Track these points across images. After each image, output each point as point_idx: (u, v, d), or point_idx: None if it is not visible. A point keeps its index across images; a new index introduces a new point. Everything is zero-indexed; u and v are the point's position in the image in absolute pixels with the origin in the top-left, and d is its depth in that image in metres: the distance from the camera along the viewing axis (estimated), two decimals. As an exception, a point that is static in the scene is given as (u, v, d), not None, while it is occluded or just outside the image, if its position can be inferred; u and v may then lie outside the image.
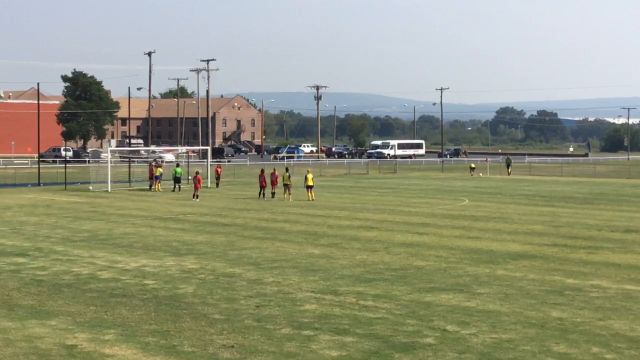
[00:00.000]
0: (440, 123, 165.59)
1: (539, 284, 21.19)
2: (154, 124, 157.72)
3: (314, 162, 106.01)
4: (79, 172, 72.57)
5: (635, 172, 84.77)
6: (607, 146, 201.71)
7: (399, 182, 67.97)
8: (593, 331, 16.29)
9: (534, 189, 59.62)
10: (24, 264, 24.31)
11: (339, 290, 20.26)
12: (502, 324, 16.78)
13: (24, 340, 15.40)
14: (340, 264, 24.41)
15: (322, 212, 40.23)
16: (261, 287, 20.64)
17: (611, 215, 39.60)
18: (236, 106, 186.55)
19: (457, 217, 38.17)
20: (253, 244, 28.71)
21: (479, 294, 19.88)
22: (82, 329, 16.30)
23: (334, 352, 14.66)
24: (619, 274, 22.91)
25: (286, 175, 48.49)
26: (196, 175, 48.98)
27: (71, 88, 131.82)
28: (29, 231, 32.32)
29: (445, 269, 23.50)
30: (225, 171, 70.49)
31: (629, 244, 28.98)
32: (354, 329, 16.29)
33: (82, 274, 22.60)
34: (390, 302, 18.93)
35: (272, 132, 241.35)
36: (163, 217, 37.95)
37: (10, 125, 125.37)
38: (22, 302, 18.94)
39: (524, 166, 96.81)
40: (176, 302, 18.89)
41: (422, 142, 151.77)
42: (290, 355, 14.45)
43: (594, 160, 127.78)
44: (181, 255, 25.92)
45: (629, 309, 18.39)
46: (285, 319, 17.18)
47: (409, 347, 15.06)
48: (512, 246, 28.25)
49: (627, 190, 59.44)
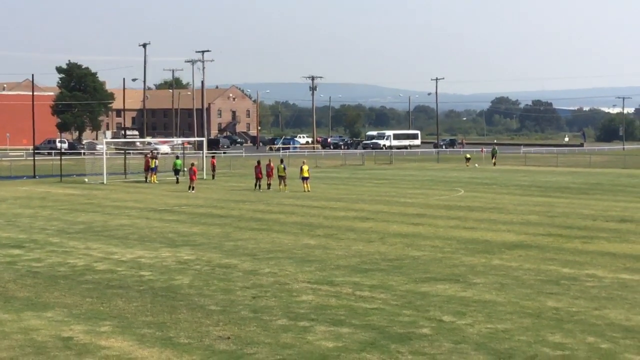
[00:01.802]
0: (436, 113, 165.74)
1: (535, 274, 21.22)
2: (149, 115, 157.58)
3: (310, 153, 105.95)
4: (74, 164, 72.42)
5: (630, 161, 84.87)
6: (602, 136, 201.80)
7: (394, 173, 67.99)
8: (589, 321, 16.32)
9: (529, 179, 59.67)
10: (19, 255, 24.28)
11: (335, 281, 20.27)
12: (498, 314, 16.81)
13: (20, 333, 15.39)
14: (336, 254, 24.42)
15: (317, 203, 40.23)
16: (257, 278, 20.64)
17: (606, 205, 39.65)
18: (231, 97, 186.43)
19: (453, 207, 38.19)
20: (249, 235, 28.71)
21: (475, 284, 19.91)
22: (78, 320, 16.29)
23: (330, 343, 14.67)
24: (614, 263, 22.95)
25: (281, 167, 48.48)
26: (191, 167, 48.93)
27: (66, 79, 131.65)
28: (25, 223, 32.27)
29: (441, 259, 23.52)
30: (221, 163, 70.43)
31: (624, 234, 29.03)
32: (350, 320, 16.30)
33: (78, 265, 22.58)
34: (386, 292, 18.95)
35: (267, 123, 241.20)
36: (158, 208, 37.92)
37: (5, 117, 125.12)
38: (18, 294, 18.93)
39: (519, 156, 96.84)
40: (172, 293, 18.89)
41: (417, 133, 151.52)
42: (287, 347, 14.45)
43: (589, 150, 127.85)
44: (177, 247, 25.92)
45: (624, 298, 18.42)
46: (282, 310, 17.19)
47: (405, 337, 15.07)
48: (507, 236, 28.28)
49: (622, 180, 59.51)
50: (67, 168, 63.22)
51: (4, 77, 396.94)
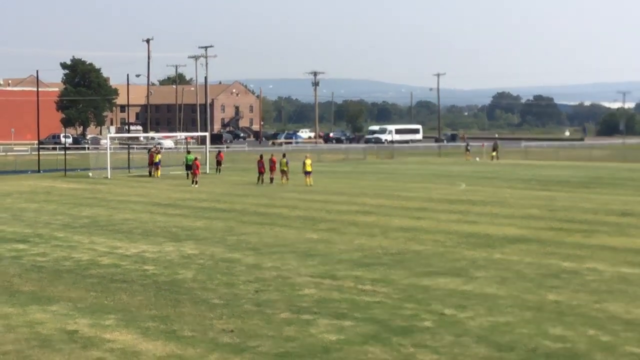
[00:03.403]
0: (438, 108, 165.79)
1: (536, 268, 21.33)
2: (153, 110, 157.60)
3: (312, 148, 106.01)
4: (78, 158, 72.60)
5: (630, 155, 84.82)
6: (603, 130, 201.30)
7: (396, 167, 68.07)
8: (589, 314, 16.44)
9: (530, 173, 59.70)
10: (24, 250, 24.43)
11: (337, 275, 20.40)
12: (499, 307, 16.93)
13: (25, 326, 15.54)
14: (338, 248, 24.54)
15: (320, 197, 40.33)
16: (260, 272, 20.77)
17: (607, 198, 39.74)
18: (234, 92, 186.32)
19: (454, 201, 38.29)
20: (252, 229, 28.84)
21: (476, 278, 20.03)
22: (83, 314, 16.43)
23: (333, 336, 14.79)
24: (614, 256, 23.06)
25: (284, 162, 48.60)
26: (194, 161, 49.05)
27: (70, 75, 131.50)
28: (29, 218, 32.42)
29: (443, 253, 23.64)
30: (224, 157, 70.47)
31: (625, 227, 29.13)
32: (353, 313, 16.43)
33: (83, 260, 22.73)
34: (388, 286, 19.08)
35: (270, 118, 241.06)
36: (162, 203, 38.05)
37: (10, 112, 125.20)
38: (23, 288, 19.08)
39: (520, 151, 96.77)
40: (176, 287, 19.03)
41: (419, 128, 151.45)
42: (290, 340, 14.58)
43: (589, 145, 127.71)
44: (180, 241, 26.05)
45: (624, 291, 18.54)
46: (284, 303, 17.32)
47: (407, 330, 15.20)
48: (508, 230, 28.38)
49: (623, 173, 59.53)
50: (72, 163, 63.36)
51: (9, 73, 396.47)
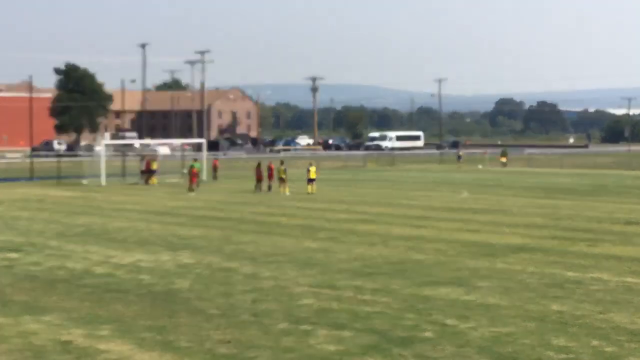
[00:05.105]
0: (439, 114, 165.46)
1: (539, 277, 21.03)
2: (148, 117, 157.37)
3: (311, 155, 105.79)
4: (72, 166, 72.27)
5: (636, 163, 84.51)
6: (608, 137, 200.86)
7: (397, 175, 67.85)
8: (593, 324, 16.15)
9: (533, 181, 59.50)
10: (17, 259, 24.10)
11: (336, 285, 20.09)
12: (502, 318, 16.63)
13: (18, 337, 15.25)
14: (337, 257, 24.23)
15: (319, 205, 40.05)
16: (258, 282, 20.46)
17: (612, 207, 39.42)
18: (231, 98, 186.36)
19: (456, 209, 37.99)
20: (249, 238, 28.52)
21: (478, 288, 19.72)
22: (77, 324, 16.14)
23: (332, 347, 14.51)
24: (619, 266, 22.75)
25: (282, 169, 48.28)
26: (191, 169, 48.79)
27: (64, 81, 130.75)
28: (22, 226, 32.09)
29: (444, 263, 23.33)
30: (221, 165, 70.22)
31: (630, 236, 28.81)
32: (352, 324, 16.13)
33: (77, 269, 22.40)
34: (388, 296, 18.77)
35: (268, 125, 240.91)
36: (158, 211, 37.75)
37: (2, 118, 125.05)
38: (16, 297, 18.76)
39: (524, 158, 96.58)
40: (172, 297, 18.72)
41: (420, 134, 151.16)
42: (288, 350, 14.29)
43: (594, 152, 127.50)
44: (177, 250, 25.74)
45: (629, 301, 18.25)
46: (283, 313, 17.02)
47: (407, 341, 14.91)
48: (511, 239, 28.07)
49: (628, 181, 59.29)
50: (65, 170, 62.98)
51: (1, 78, 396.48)
